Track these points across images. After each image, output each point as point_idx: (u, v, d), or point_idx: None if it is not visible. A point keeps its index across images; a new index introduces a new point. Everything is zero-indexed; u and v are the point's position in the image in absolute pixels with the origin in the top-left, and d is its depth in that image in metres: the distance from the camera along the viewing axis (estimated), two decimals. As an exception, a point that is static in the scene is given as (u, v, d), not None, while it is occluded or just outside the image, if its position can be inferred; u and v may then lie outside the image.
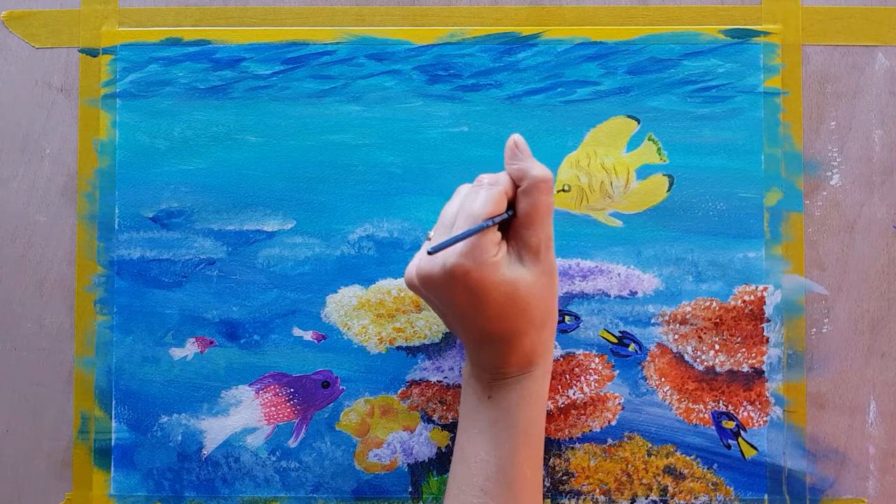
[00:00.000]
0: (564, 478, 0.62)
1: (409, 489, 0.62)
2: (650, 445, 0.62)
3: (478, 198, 0.50)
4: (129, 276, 0.63)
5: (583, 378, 0.62)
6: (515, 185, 0.52)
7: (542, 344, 0.53)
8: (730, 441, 0.62)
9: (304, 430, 0.63)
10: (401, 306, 0.63)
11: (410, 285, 0.53)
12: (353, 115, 0.63)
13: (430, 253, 0.47)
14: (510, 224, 0.52)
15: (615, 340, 0.62)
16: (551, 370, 0.55)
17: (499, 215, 0.50)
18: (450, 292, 0.50)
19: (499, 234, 0.51)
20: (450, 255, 0.49)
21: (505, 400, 0.52)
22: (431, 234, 0.53)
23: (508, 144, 0.52)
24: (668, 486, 0.62)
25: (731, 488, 0.62)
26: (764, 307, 0.62)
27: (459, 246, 0.49)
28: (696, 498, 0.62)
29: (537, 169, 0.51)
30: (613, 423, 0.62)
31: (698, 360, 0.62)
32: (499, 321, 0.50)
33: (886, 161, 0.63)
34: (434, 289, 0.51)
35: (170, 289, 0.63)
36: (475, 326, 0.52)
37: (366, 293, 0.63)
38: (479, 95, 0.63)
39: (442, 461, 0.62)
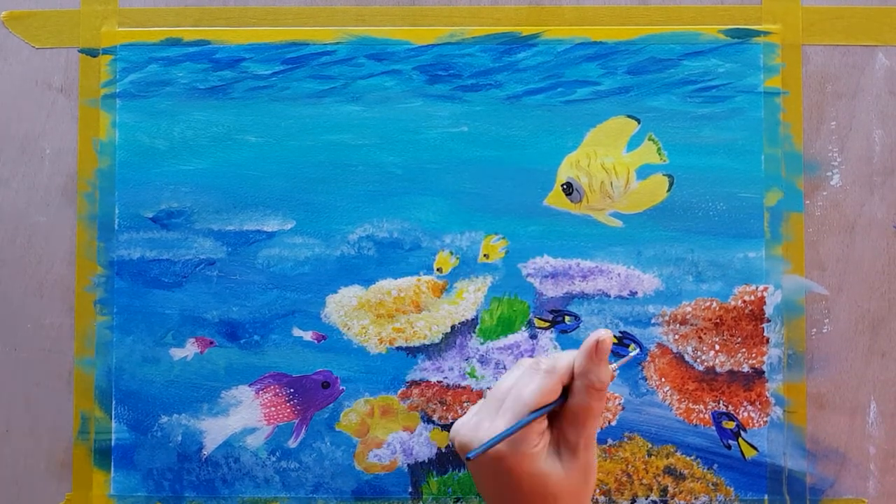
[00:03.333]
0: (564, 478, 0.62)
1: (409, 489, 0.62)
2: (650, 446, 0.62)
3: (532, 383, 0.48)
4: (129, 276, 0.63)
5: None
6: (572, 376, 0.49)
7: None
8: (730, 441, 0.62)
9: (303, 430, 0.63)
10: (401, 306, 0.63)
11: (451, 441, 0.50)
12: (353, 115, 0.63)
13: (468, 459, 0.45)
14: (554, 413, 0.50)
15: (615, 340, 0.62)
16: None
17: (548, 405, 0.48)
18: (480, 471, 0.48)
19: (545, 423, 0.49)
20: (487, 437, 0.46)
21: None
22: (484, 394, 0.48)
23: (590, 341, 0.48)
24: (668, 487, 0.62)
25: (732, 488, 0.62)
26: (764, 307, 0.62)
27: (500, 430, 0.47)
28: (696, 498, 0.62)
29: (601, 376, 0.48)
30: (613, 423, 0.62)
31: (698, 360, 0.62)
32: None
33: (886, 161, 0.63)
34: (470, 464, 0.48)
35: (170, 289, 0.63)
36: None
37: (366, 293, 0.63)
38: (479, 95, 0.63)
39: (442, 461, 0.62)
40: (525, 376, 0.49)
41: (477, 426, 0.48)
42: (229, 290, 0.63)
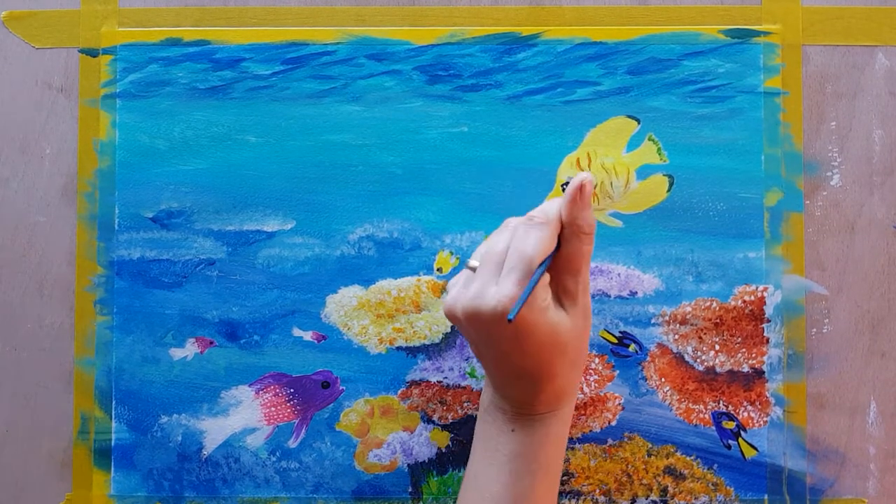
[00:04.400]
0: (564, 478, 0.62)
1: (409, 489, 0.62)
2: (650, 446, 0.62)
3: (530, 237, 0.48)
4: (129, 276, 0.63)
5: (583, 378, 0.62)
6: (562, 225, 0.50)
7: (572, 384, 0.52)
8: (730, 441, 0.62)
9: (303, 430, 0.63)
10: (401, 306, 0.63)
11: (451, 317, 0.51)
12: (353, 116, 0.63)
13: (510, 320, 0.46)
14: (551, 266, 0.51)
15: (615, 341, 0.62)
16: (572, 413, 0.54)
17: (549, 255, 0.49)
18: (495, 331, 0.49)
19: (548, 277, 0.50)
20: (503, 298, 0.47)
21: (529, 436, 0.51)
22: (472, 263, 0.51)
23: (574, 185, 0.50)
24: (668, 487, 0.62)
25: (732, 488, 0.62)
26: (764, 307, 0.62)
27: (513, 288, 0.47)
28: (696, 498, 0.62)
29: (588, 219, 0.50)
30: (613, 423, 0.62)
31: (698, 360, 0.62)
32: (537, 361, 0.50)
33: (886, 161, 0.63)
34: (479, 325, 0.49)
35: (170, 289, 0.63)
36: (511, 363, 0.50)
37: (366, 293, 0.63)
38: (479, 95, 0.63)
39: (442, 462, 0.62)
40: (521, 233, 0.49)
41: (482, 292, 0.48)
42: (229, 290, 0.63)
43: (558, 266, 0.51)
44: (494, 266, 0.49)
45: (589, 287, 0.52)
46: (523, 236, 0.49)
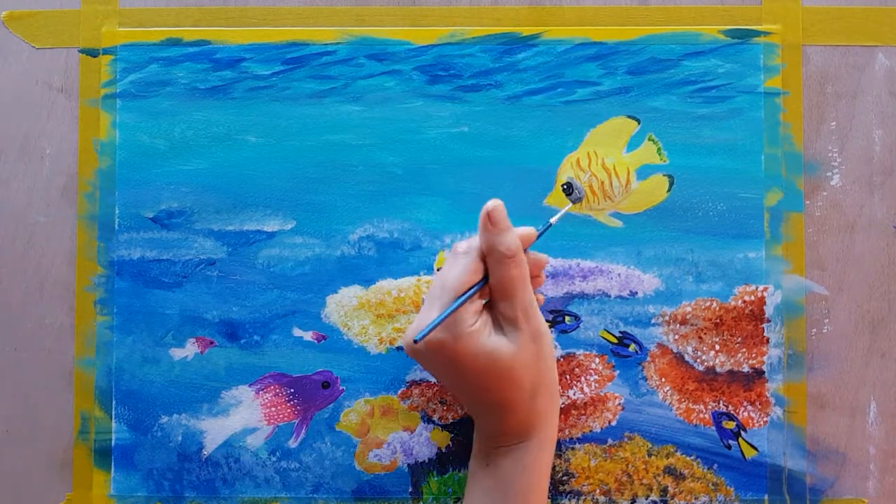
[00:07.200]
0: (564, 478, 0.62)
1: (409, 489, 0.62)
2: (650, 446, 0.62)
3: (452, 269, 0.50)
4: (129, 276, 0.63)
5: (583, 378, 0.62)
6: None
7: (536, 413, 0.52)
8: (730, 441, 0.62)
9: (304, 430, 0.63)
10: (401, 306, 0.63)
11: (408, 352, 0.53)
12: (353, 116, 0.63)
13: (415, 342, 0.48)
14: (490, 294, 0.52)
15: (615, 341, 0.62)
16: (554, 438, 0.54)
17: (473, 286, 0.50)
18: (433, 364, 0.51)
19: (479, 303, 0.51)
20: (419, 326, 0.50)
21: (501, 468, 0.52)
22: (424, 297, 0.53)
23: (482, 214, 0.51)
24: (668, 487, 0.62)
25: (732, 488, 0.62)
26: (764, 307, 0.62)
27: (431, 316, 0.49)
28: (696, 498, 0.62)
29: (505, 243, 0.50)
30: (613, 423, 0.62)
31: (698, 360, 0.62)
32: (485, 391, 0.51)
33: (886, 161, 0.63)
34: (421, 360, 0.52)
35: (170, 289, 0.63)
36: (464, 396, 0.52)
37: (366, 293, 0.63)
38: (479, 95, 0.63)
39: (442, 462, 0.62)
40: (446, 265, 0.52)
41: (418, 320, 0.51)
42: (229, 290, 0.63)
43: (492, 293, 0.52)
44: (430, 297, 0.51)
45: (535, 310, 0.52)
46: (447, 268, 0.51)
